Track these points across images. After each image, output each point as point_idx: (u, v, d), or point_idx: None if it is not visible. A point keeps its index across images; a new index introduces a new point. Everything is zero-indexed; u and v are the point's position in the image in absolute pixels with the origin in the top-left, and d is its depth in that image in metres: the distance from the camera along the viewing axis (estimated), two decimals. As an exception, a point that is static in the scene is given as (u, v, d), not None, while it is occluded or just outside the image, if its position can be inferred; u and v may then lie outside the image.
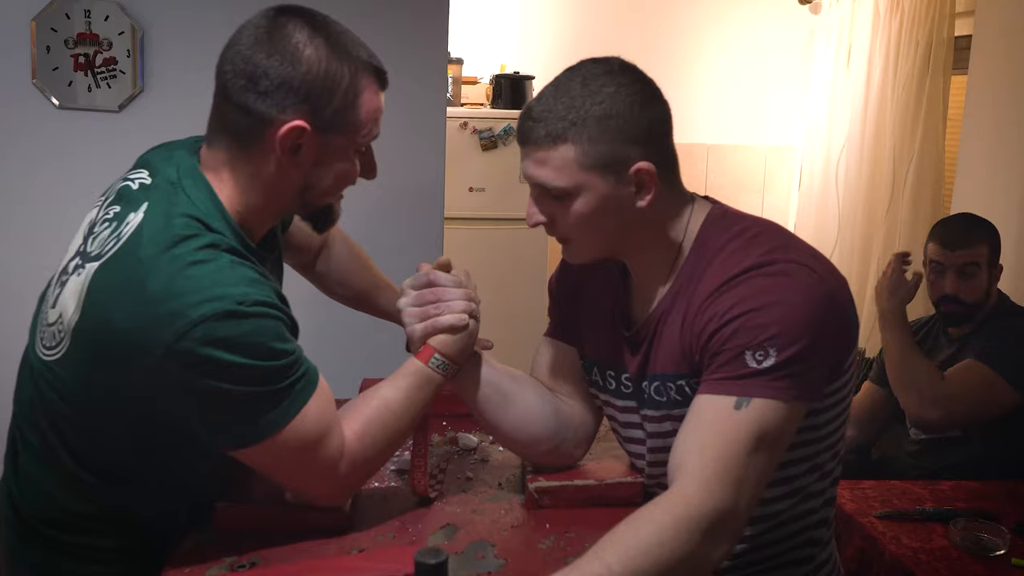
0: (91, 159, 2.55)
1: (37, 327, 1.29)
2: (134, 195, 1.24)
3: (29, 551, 1.30)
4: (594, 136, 1.20)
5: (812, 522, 1.36)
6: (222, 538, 1.27)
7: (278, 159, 1.20)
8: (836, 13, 4.32)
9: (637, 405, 1.37)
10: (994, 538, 1.89)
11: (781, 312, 1.17)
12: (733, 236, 1.26)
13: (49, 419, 1.25)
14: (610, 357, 1.39)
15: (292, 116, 1.18)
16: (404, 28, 2.60)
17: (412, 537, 1.29)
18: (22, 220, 2.55)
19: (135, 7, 2.51)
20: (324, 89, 1.19)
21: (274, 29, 1.19)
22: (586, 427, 1.46)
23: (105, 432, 1.22)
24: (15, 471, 1.32)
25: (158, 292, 1.10)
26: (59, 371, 1.21)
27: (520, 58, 4.41)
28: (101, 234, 1.22)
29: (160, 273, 1.11)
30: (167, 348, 1.08)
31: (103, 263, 1.17)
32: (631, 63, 1.27)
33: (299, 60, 1.17)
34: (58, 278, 1.27)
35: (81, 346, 1.17)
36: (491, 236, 4.09)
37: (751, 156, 4.80)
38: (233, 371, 1.11)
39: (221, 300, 1.10)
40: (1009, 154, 3.08)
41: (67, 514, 1.27)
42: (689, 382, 1.26)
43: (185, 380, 1.10)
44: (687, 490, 1.11)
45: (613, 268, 1.39)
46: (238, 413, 1.15)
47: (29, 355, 1.30)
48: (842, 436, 1.35)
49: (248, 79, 1.18)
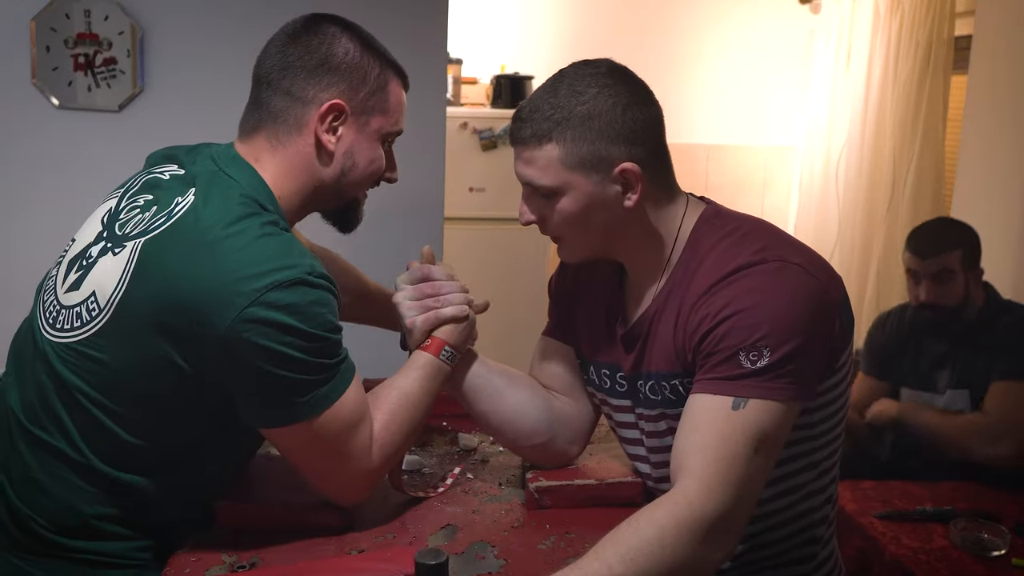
0: (91, 159, 2.55)
1: (42, 315, 1.27)
2: (170, 183, 1.27)
3: (33, 566, 1.24)
4: (577, 136, 1.23)
5: (813, 520, 1.36)
6: (222, 538, 1.27)
7: (317, 139, 1.28)
8: (836, 13, 4.32)
9: (632, 404, 1.37)
10: (994, 538, 1.89)
11: (773, 311, 1.17)
12: (725, 235, 1.27)
13: (68, 408, 1.21)
14: (606, 355, 1.40)
15: (331, 96, 1.27)
16: (404, 28, 2.60)
17: (412, 537, 1.29)
18: (22, 220, 2.55)
19: (135, 7, 2.51)
20: (358, 73, 1.29)
21: (309, 25, 1.31)
22: (580, 425, 1.47)
23: (133, 415, 1.20)
24: (11, 481, 1.26)
25: (230, 260, 1.14)
26: (89, 350, 1.20)
27: (520, 58, 4.41)
28: (133, 218, 1.24)
29: (230, 243, 1.15)
30: (239, 312, 1.11)
31: (153, 237, 1.19)
32: (621, 66, 1.29)
33: (335, 47, 1.28)
34: (72, 264, 1.26)
35: (128, 318, 1.17)
36: (491, 236, 4.09)
37: (751, 156, 4.80)
38: (296, 338, 1.14)
39: (292, 268, 1.15)
40: (1009, 154, 3.08)
41: (78, 517, 1.23)
42: (683, 381, 1.27)
43: (249, 346, 1.12)
44: (689, 491, 1.11)
45: (610, 267, 1.39)
46: (291, 386, 1.16)
47: (33, 346, 1.27)
48: (840, 434, 1.35)
49: (289, 65, 1.27)
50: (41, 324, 1.27)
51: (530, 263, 4.09)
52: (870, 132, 4.01)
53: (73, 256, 1.28)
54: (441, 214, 2.75)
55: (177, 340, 1.15)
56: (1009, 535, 1.89)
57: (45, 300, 1.29)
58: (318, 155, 1.29)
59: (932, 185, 3.67)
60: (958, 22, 3.62)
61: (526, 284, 4.00)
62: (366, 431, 1.25)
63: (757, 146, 4.80)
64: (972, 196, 3.25)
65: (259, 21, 2.62)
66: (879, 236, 3.91)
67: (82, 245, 1.28)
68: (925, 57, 3.66)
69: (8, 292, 2.50)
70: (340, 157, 1.30)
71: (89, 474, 1.22)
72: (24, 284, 2.51)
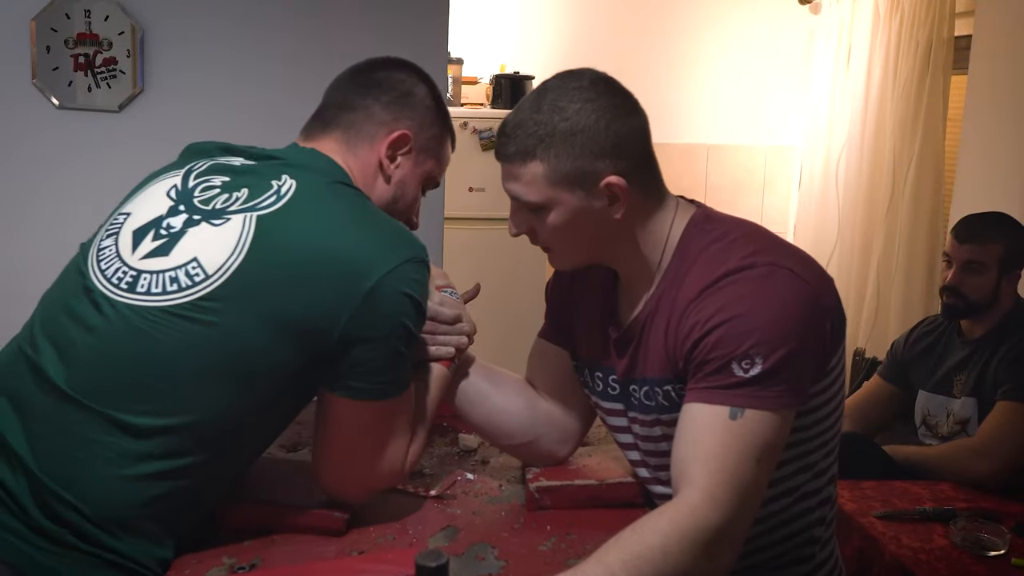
0: (91, 159, 2.55)
1: (103, 281, 1.24)
2: (252, 169, 1.31)
3: (53, 561, 1.15)
4: (560, 152, 1.23)
5: (810, 521, 1.36)
6: (222, 539, 1.27)
7: (380, 161, 1.37)
8: (836, 13, 4.32)
9: (624, 408, 1.38)
10: (994, 538, 1.89)
11: (763, 318, 1.17)
12: (714, 239, 1.27)
13: (135, 377, 1.17)
14: (599, 359, 1.40)
15: (403, 127, 1.38)
16: (404, 28, 2.60)
17: (412, 539, 1.29)
18: (22, 220, 2.55)
19: (135, 7, 2.51)
20: (429, 116, 1.41)
21: (394, 62, 1.43)
22: (570, 427, 1.49)
23: (215, 379, 1.18)
24: (39, 468, 1.16)
25: (374, 230, 1.24)
26: (192, 312, 1.18)
27: (520, 58, 4.41)
28: (216, 196, 1.27)
29: (368, 217, 1.26)
30: (381, 277, 1.19)
31: (271, 213, 1.23)
32: (604, 76, 1.29)
33: (417, 87, 1.41)
34: (141, 232, 1.26)
35: (250, 283, 1.19)
36: (491, 236, 4.09)
37: (751, 156, 4.80)
38: (414, 312, 1.24)
39: (418, 249, 1.26)
40: (1009, 154, 3.08)
41: (118, 497, 1.16)
42: (675, 388, 1.27)
43: (378, 313, 1.20)
44: (693, 501, 1.11)
45: (605, 270, 1.40)
46: (394, 362, 1.25)
47: (87, 315, 1.22)
48: (835, 435, 1.35)
49: (372, 89, 1.38)
50: (107, 289, 1.23)
51: (529, 263, 4.08)
52: (870, 132, 4.01)
53: (139, 226, 1.28)
54: (441, 214, 2.75)
55: (311, 302, 1.19)
56: (1009, 535, 1.89)
57: (103, 268, 1.26)
58: (376, 176, 1.38)
59: (932, 185, 3.67)
60: (958, 22, 3.62)
61: (525, 284, 4.00)
62: (410, 423, 1.33)
63: (757, 146, 4.80)
64: (972, 196, 3.25)
65: (258, 22, 2.64)
66: (879, 236, 3.91)
67: (149, 216, 1.28)
68: (925, 57, 3.66)
69: (8, 291, 2.50)
70: (394, 185, 1.39)
71: (142, 448, 1.17)
72: (24, 283, 2.51)
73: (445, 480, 1.47)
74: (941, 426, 2.46)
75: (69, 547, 1.15)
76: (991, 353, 2.35)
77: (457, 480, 1.48)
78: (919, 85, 3.69)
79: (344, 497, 1.31)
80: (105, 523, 1.16)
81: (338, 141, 1.36)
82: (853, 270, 4.05)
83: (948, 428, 2.43)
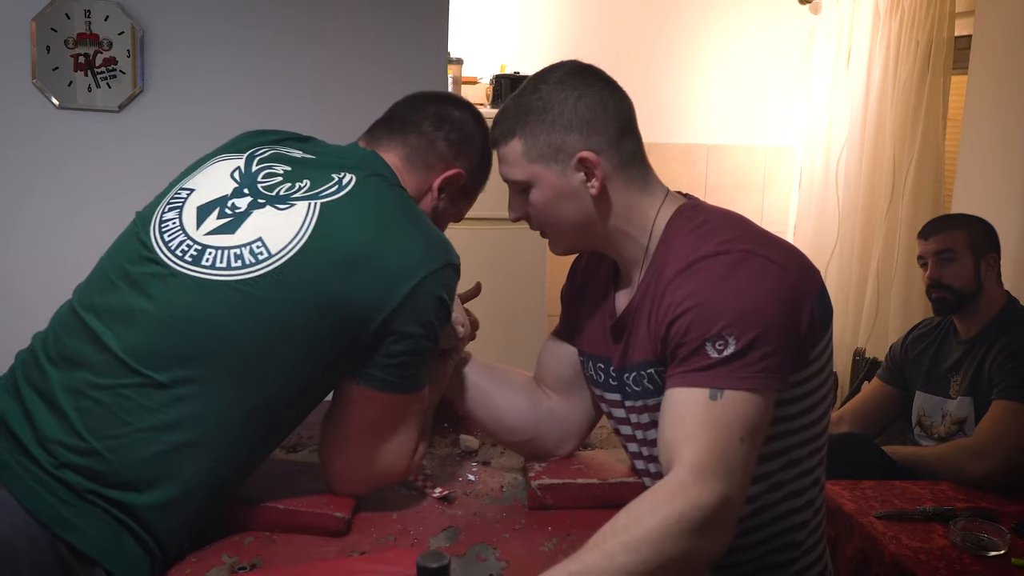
0: (91, 159, 2.55)
1: (167, 253, 1.27)
2: (308, 162, 1.37)
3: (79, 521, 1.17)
4: (535, 129, 1.30)
5: (792, 524, 1.35)
6: (223, 539, 1.27)
7: (431, 190, 1.44)
8: (836, 13, 4.31)
9: (621, 398, 1.39)
10: (994, 538, 1.89)
11: (734, 299, 1.18)
12: (695, 227, 1.29)
13: (188, 345, 1.21)
14: (599, 349, 1.42)
15: (460, 165, 1.45)
16: (404, 28, 2.60)
17: (413, 540, 1.29)
18: (22, 220, 2.55)
19: (135, 7, 2.51)
20: (482, 161, 1.49)
21: (466, 104, 1.52)
22: (573, 424, 1.51)
23: (255, 363, 1.22)
24: (79, 421, 1.19)
25: (424, 233, 1.31)
26: (249, 288, 1.23)
27: (520, 58, 4.40)
28: (278, 183, 1.33)
29: (419, 220, 1.33)
30: (422, 278, 1.26)
31: (332, 202, 1.29)
32: (587, 64, 1.35)
33: (477, 131, 1.49)
34: (206, 209, 1.31)
35: (309, 265, 1.24)
36: (491, 236, 4.08)
37: (751, 156, 4.80)
38: (444, 314, 1.31)
39: (455, 256, 1.33)
40: (1009, 154, 3.08)
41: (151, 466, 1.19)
42: (658, 370, 1.29)
43: (418, 308, 1.26)
44: (685, 481, 1.11)
45: (611, 264, 1.42)
46: (417, 359, 1.30)
47: (152, 286, 1.25)
48: (822, 434, 1.35)
49: (447, 122, 1.45)
50: (171, 260, 1.26)
51: (530, 263, 4.08)
52: (870, 132, 4.00)
53: (204, 203, 1.32)
54: (441, 214, 2.75)
55: (360, 290, 1.24)
56: (1008, 535, 1.89)
57: (167, 240, 1.28)
58: (422, 200, 1.44)
59: (932, 185, 3.67)
60: (958, 22, 3.62)
61: (526, 284, 4.00)
62: (422, 422, 1.38)
63: (757, 146, 4.80)
64: (972, 196, 3.25)
65: (258, 22, 2.64)
66: (879, 236, 3.90)
67: (213, 195, 1.33)
68: (925, 57, 3.66)
69: (9, 290, 2.50)
70: (438, 216, 1.46)
71: (176, 414, 1.20)
72: (24, 282, 2.52)
73: (449, 483, 1.47)
74: (937, 426, 2.47)
75: (88, 502, 1.17)
76: (985, 352, 2.37)
77: (457, 479, 1.48)
78: (919, 85, 3.68)
79: (347, 489, 1.33)
80: (130, 481, 1.18)
81: (399, 156, 1.42)
82: (853, 270, 4.04)
83: (945, 428, 2.44)
